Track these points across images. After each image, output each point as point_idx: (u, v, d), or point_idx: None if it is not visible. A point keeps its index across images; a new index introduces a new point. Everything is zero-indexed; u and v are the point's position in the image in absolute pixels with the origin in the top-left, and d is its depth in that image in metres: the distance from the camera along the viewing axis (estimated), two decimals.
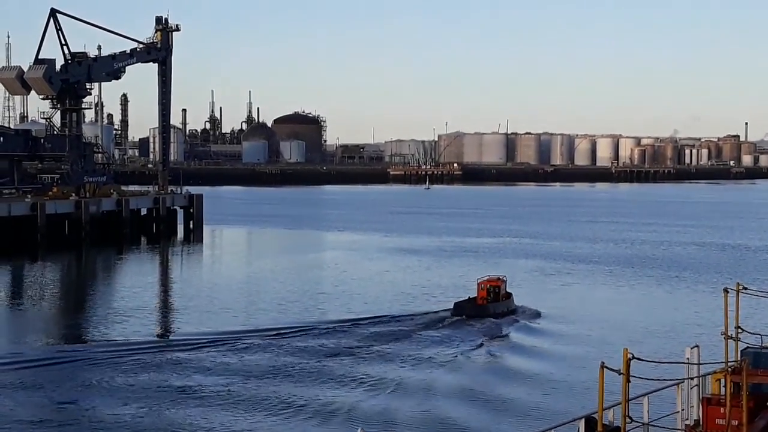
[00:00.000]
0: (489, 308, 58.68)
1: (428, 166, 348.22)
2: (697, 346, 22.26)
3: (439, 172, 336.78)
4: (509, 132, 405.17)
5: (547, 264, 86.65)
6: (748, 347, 24.09)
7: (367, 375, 43.00)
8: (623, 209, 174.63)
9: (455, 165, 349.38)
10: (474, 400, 39.46)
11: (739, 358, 22.27)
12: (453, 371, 44.40)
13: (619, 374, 16.93)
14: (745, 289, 23.82)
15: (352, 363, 45.39)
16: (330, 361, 45.89)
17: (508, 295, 61.42)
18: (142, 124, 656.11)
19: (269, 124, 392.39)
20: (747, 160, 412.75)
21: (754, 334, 24.52)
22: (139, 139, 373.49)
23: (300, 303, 64.42)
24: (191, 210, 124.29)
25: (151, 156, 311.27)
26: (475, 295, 60.40)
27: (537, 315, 59.62)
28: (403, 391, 40.43)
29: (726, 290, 23.02)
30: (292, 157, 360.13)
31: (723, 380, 22.02)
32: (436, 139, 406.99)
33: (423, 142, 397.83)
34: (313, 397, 39.12)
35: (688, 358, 22.12)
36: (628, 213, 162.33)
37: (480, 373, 44.39)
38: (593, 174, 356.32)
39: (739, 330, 23.24)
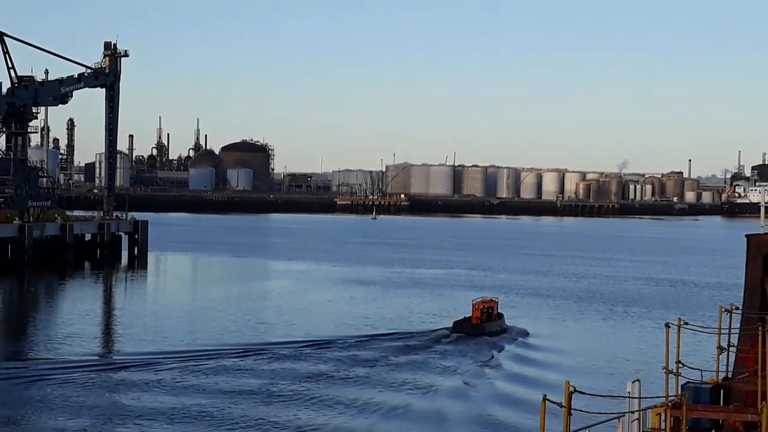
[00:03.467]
0: (484, 327, 63.79)
1: (375, 197, 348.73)
2: (638, 380, 22.53)
3: (386, 203, 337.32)
4: (456, 164, 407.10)
5: (495, 296, 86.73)
6: (688, 382, 24.38)
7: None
8: (571, 243, 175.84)
9: (402, 196, 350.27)
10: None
11: (679, 393, 22.55)
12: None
13: (561, 407, 17.08)
14: (687, 324, 24.02)
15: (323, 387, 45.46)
16: (303, 384, 46.82)
17: (500, 316, 66.78)
18: (89, 149, 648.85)
19: (217, 152, 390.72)
20: (690, 196, 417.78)
21: (694, 369, 24.80)
22: (85, 164, 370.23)
23: (240, 332, 64.11)
24: (136, 236, 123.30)
25: (97, 181, 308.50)
26: (470, 315, 65.18)
27: (526, 334, 65.08)
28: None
29: (667, 325, 23.23)
30: (240, 185, 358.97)
31: (663, 415, 22.28)
32: (384, 169, 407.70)
33: (370, 172, 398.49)
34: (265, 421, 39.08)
35: (629, 392, 22.37)
36: (577, 247, 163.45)
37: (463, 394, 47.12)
38: (539, 207, 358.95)
39: (680, 365, 23.51)
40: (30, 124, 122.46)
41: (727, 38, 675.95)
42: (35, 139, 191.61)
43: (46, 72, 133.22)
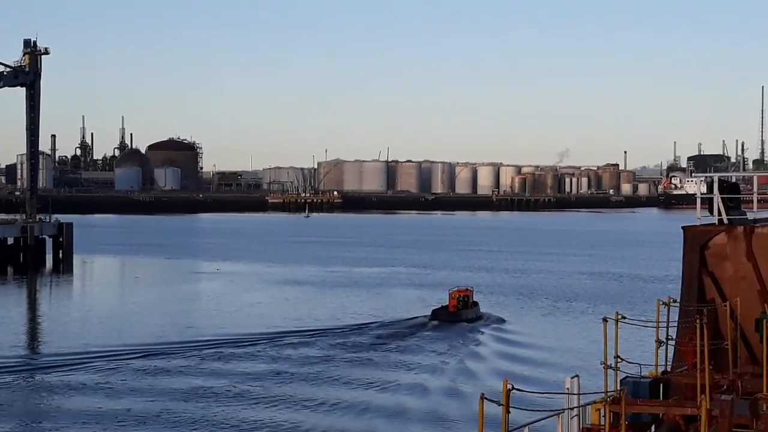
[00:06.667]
0: (461, 314, 69.34)
1: (308, 194, 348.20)
2: (577, 375, 22.74)
3: (319, 200, 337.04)
4: (390, 159, 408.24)
5: (434, 294, 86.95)
6: (627, 377, 24.64)
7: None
8: (511, 238, 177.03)
9: (335, 193, 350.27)
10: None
11: (618, 388, 22.78)
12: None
13: (499, 405, 17.19)
14: (624, 318, 24.01)
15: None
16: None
17: (475, 304, 72.75)
18: (9, 150, 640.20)
19: (143, 151, 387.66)
20: (626, 188, 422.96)
21: (633, 363, 25.03)
22: (6, 165, 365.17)
23: (166, 335, 63.53)
24: (61, 239, 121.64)
25: (19, 183, 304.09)
26: (447, 303, 70.67)
27: (501, 320, 70.86)
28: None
29: (605, 320, 23.31)
30: (167, 185, 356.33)
31: (603, 410, 22.51)
32: (316, 166, 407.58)
33: (302, 169, 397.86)
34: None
35: (568, 388, 22.57)
36: (517, 242, 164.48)
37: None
38: (474, 202, 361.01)
39: (619, 359, 23.70)
40: None
41: (661, 30, 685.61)
42: None
43: None
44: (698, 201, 29.70)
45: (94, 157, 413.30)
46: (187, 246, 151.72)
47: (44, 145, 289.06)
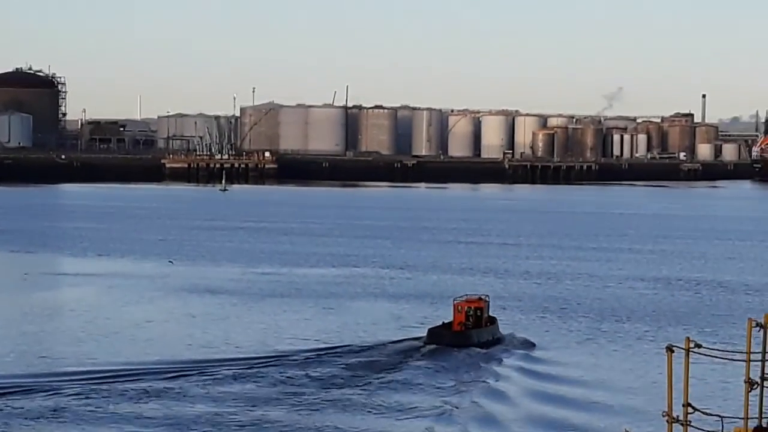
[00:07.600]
0: (472, 336, 69.46)
1: (226, 156, 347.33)
2: None
3: (243, 165, 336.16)
4: (350, 105, 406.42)
5: (417, 309, 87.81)
6: None
7: None
8: (533, 225, 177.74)
9: (267, 154, 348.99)
10: None
11: None
12: None
13: None
14: (699, 347, 23.73)
15: None
16: None
17: (492, 321, 72.81)
18: None
19: None
20: (705, 151, 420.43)
21: (712, 415, 25.23)
22: None
23: (7, 368, 63.84)
24: None
25: None
26: (451, 319, 70.56)
27: (530, 345, 71.65)
28: None
29: (670, 349, 23.34)
30: (12, 139, 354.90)
31: None
32: (238, 114, 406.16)
33: (217, 118, 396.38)
34: None
35: None
36: (541, 231, 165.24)
37: None
38: (477, 170, 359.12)
39: (690, 409, 23.76)
40: None
41: None
42: None
43: None
44: None
45: None
46: (42, 233, 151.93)
47: None
